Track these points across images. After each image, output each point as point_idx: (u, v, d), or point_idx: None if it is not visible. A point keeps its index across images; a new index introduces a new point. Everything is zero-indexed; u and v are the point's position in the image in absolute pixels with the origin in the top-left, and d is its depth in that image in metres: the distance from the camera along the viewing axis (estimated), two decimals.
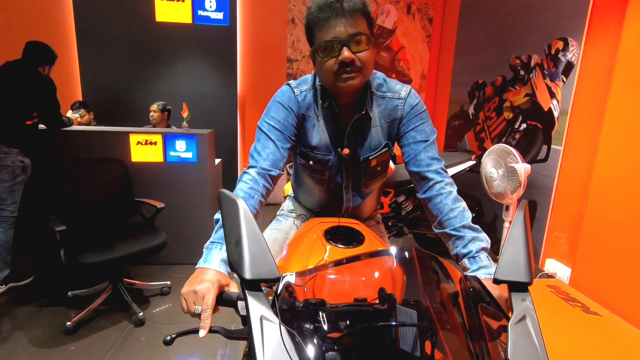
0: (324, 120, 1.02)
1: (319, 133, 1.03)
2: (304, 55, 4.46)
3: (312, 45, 0.92)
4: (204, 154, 2.74)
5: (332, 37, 0.85)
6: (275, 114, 0.99)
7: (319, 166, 1.08)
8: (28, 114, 2.33)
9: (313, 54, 0.93)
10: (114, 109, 4.10)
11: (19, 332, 2.00)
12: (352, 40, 0.86)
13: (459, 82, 4.02)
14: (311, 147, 1.05)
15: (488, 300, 0.60)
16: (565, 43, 2.53)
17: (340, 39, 0.85)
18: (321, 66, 0.91)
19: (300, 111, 1.01)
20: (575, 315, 1.81)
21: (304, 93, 1.02)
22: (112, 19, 3.95)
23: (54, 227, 1.92)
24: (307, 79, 1.04)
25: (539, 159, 2.73)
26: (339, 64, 0.87)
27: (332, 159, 1.06)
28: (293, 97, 1.01)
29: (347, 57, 0.86)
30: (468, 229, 0.87)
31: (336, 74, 0.89)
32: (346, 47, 0.86)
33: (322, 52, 0.88)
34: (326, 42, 0.86)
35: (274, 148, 0.96)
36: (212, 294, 0.64)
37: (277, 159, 0.96)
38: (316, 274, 0.68)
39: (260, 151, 0.96)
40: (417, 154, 0.98)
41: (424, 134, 1.00)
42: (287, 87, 1.03)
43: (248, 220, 0.55)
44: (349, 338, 0.59)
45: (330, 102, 0.99)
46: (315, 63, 0.94)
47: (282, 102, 1.00)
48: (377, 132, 1.04)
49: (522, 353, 0.47)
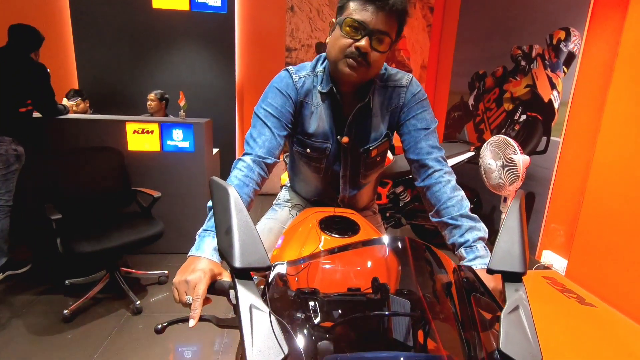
0: (323, 107, 1.01)
1: (317, 120, 1.02)
2: (303, 44, 4.41)
3: (339, 15, 0.88)
4: (201, 144, 2.72)
5: (362, 20, 0.83)
6: (273, 100, 0.97)
7: (316, 154, 1.06)
8: (21, 102, 2.30)
9: (335, 24, 0.90)
10: (111, 97, 4.06)
11: (16, 320, 2.01)
12: (377, 35, 0.84)
13: (460, 73, 3.98)
14: (308, 134, 1.03)
15: (482, 290, 0.60)
16: (567, 33, 2.50)
17: (368, 27, 0.83)
18: (336, 40, 0.88)
19: (299, 98, 1.00)
20: (571, 307, 1.83)
21: (303, 79, 1.00)
22: (108, 6, 3.89)
23: (50, 215, 1.91)
24: (306, 65, 1.02)
25: (538, 150, 2.72)
26: (354, 49, 0.85)
27: (329, 147, 1.04)
28: (291, 83, 0.99)
29: (364, 47, 0.84)
30: (466, 218, 0.86)
31: (345, 56, 0.87)
32: (368, 38, 0.84)
33: (345, 27, 0.86)
34: (354, 20, 0.84)
35: (270, 135, 0.94)
36: (203, 284, 0.64)
37: (273, 146, 0.94)
38: (309, 263, 0.68)
39: (256, 138, 0.94)
40: (418, 142, 0.97)
41: (425, 122, 0.98)
42: (285, 73, 1.01)
43: (239, 209, 0.54)
44: (341, 327, 0.59)
45: (331, 88, 0.97)
46: (331, 33, 0.92)
47: (279, 88, 0.98)
48: (377, 122, 1.02)
49: (514, 343, 0.47)
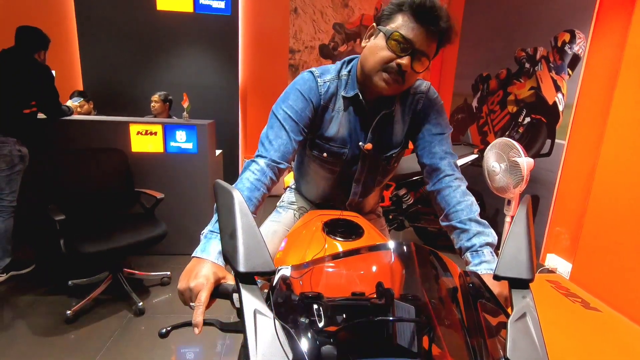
0: (345, 112, 0.99)
1: (337, 125, 1.00)
2: (306, 45, 4.41)
3: (383, 22, 0.86)
4: (204, 145, 2.72)
5: (410, 38, 0.81)
6: (294, 103, 0.94)
7: (332, 159, 1.05)
8: (25, 103, 2.31)
9: (378, 31, 0.87)
10: (115, 99, 4.08)
11: (19, 321, 2.01)
12: (419, 56, 0.84)
13: (463, 75, 3.97)
14: (326, 138, 1.02)
15: (487, 296, 0.59)
16: (572, 35, 2.48)
17: (414, 46, 0.82)
18: (378, 50, 0.86)
19: (321, 102, 0.97)
20: (575, 311, 1.81)
21: (327, 84, 0.97)
22: (113, 7, 3.91)
23: (54, 216, 1.92)
24: (330, 68, 1.00)
25: (543, 153, 2.71)
26: (395, 64, 0.84)
27: (347, 153, 1.03)
28: (315, 88, 0.96)
29: (405, 65, 0.83)
30: (474, 223, 0.86)
31: (384, 68, 0.86)
32: (410, 57, 0.83)
33: (391, 40, 0.83)
34: (403, 37, 0.82)
35: (287, 139, 0.92)
36: (206, 291, 0.63)
37: (287, 151, 0.92)
38: (313, 267, 0.67)
39: (272, 140, 0.91)
40: (432, 146, 0.97)
41: (440, 127, 0.99)
42: (309, 76, 0.97)
43: (243, 212, 0.54)
44: (345, 332, 0.58)
45: (357, 94, 0.96)
46: (371, 39, 0.89)
47: (302, 91, 0.95)
48: (399, 129, 1.02)
49: (522, 351, 0.46)
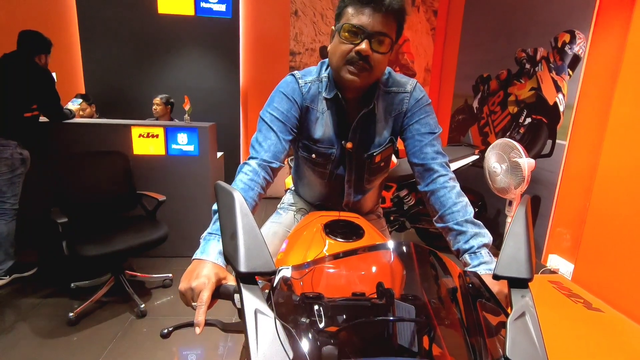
0: (328, 113, 1.01)
1: (323, 126, 1.02)
2: (307, 48, 4.42)
3: (337, 22, 0.89)
4: (205, 147, 2.73)
5: (360, 24, 0.84)
6: (279, 105, 0.97)
7: (322, 159, 1.07)
8: (26, 106, 2.32)
9: (335, 32, 0.91)
10: (117, 101, 4.10)
11: (22, 323, 2.02)
12: (376, 37, 0.84)
13: (464, 76, 3.97)
14: (314, 139, 1.04)
15: (487, 296, 0.60)
16: (572, 36, 2.48)
17: (367, 30, 0.84)
18: (336, 47, 0.89)
19: (304, 103, 1.00)
20: (577, 312, 1.81)
21: (309, 85, 1.00)
22: (114, 11, 3.93)
23: (56, 219, 1.93)
24: (312, 70, 1.03)
25: (544, 153, 2.70)
26: (355, 53, 0.86)
27: (334, 153, 1.05)
28: (297, 89, 0.99)
29: (364, 50, 0.84)
30: (471, 224, 0.86)
31: (347, 62, 0.87)
32: (367, 41, 0.84)
33: (344, 32, 0.86)
34: (352, 25, 0.84)
35: (276, 139, 0.95)
36: (207, 291, 0.63)
37: (278, 150, 0.94)
38: (313, 267, 0.68)
39: (262, 142, 0.94)
40: (422, 146, 0.97)
41: (429, 126, 0.98)
42: (291, 78, 1.01)
43: (244, 213, 0.54)
44: (346, 332, 0.59)
45: (336, 94, 0.98)
46: (332, 41, 0.92)
47: (285, 92, 0.98)
48: (382, 127, 1.02)
49: (521, 350, 0.46)
